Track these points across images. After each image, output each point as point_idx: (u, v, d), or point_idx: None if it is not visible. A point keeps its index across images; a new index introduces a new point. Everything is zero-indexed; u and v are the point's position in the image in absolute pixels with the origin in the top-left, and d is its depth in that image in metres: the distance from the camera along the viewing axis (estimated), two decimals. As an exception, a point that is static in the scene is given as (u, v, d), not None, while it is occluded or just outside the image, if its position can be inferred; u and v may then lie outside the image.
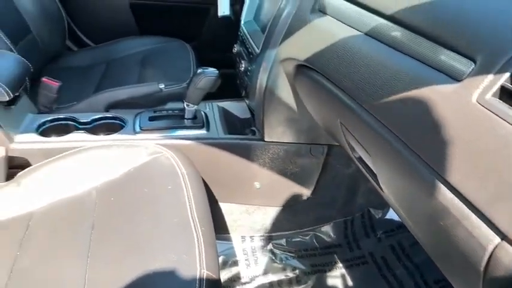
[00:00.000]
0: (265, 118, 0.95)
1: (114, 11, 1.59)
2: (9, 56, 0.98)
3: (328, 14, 0.71)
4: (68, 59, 1.47)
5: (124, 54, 1.45)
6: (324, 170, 1.04)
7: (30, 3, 1.33)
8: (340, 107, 0.63)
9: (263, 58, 0.90)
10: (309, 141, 0.99)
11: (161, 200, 0.76)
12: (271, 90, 0.90)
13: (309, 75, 0.75)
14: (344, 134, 0.68)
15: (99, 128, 1.04)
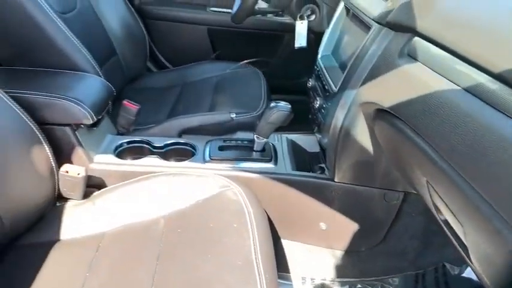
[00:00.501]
0: (338, 158, 0.91)
1: (192, 36, 1.65)
2: (96, 80, 1.04)
3: (419, 61, 0.66)
4: (147, 79, 1.54)
5: (199, 78, 1.50)
6: (397, 218, 0.97)
7: (118, 26, 1.42)
8: (429, 165, 0.57)
9: (341, 97, 0.86)
10: (383, 187, 0.93)
11: (226, 238, 0.75)
12: (347, 131, 0.86)
13: (391, 122, 0.71)
14: (430, 193, 0.62)
15: (171, 152, 1.07)
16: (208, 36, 1.65)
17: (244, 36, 1.65)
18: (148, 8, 1.62)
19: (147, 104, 1.28)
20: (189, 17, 1.63)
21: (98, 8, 1.36)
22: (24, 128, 0.84)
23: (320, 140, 1.04)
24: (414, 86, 0.64)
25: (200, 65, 1.57)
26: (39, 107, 0.90)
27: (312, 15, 1.20)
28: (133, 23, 1.49)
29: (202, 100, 1.34)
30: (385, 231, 0.99)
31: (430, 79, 0.61)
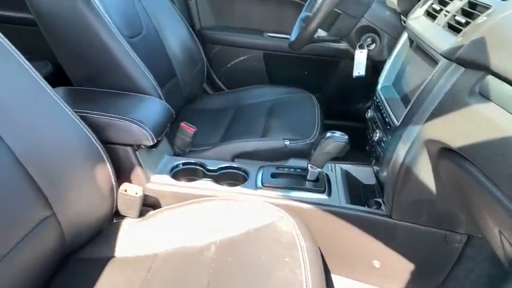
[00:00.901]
0: (396, 195, 0.87)
1: (248, 60, 1.68)
2: (157, 103, 1.09)
3: (492, 101, 0.62)
4: (203, 101, 1.59)
5: (253, 102, 1.51)
6: (458, 262, 0.91)
7: (179, 50, 1.48)
8: (503, 215, 0.53)
9: (403, 132, 0.83)
10: (445, 228, 0.87)
11: (277, 273, 0.73)
12: (409, 168, 0.82)
13: (459, 163, 0.67)
14: (503, 244, 0.57)
15: (224, 176, 1.08)
16: (264, 60, 1.68)
17: (300, 61, 1.65)
18: (208, 33, 1.68)
19: (202, 126, 1.31)
20: (246, 42, 1.66)
21: (161, 32, 1.43)
22: (90, 146, 0.88)
23: (378, 173, 1.00)
24: (486, 127, 0.60)
25: (254, 89, 1.59)
26: (105, 127, 0.95)
27: (372, 44, 1.18)
28: (193, 46, 1.54)
29: (256, 124, 1.35)
30: (444, 276, 0.93)
31: (505, 121, 0.57)
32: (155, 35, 1.41)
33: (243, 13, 1.68)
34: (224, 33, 1.68)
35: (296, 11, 1.59)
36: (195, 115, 1.48)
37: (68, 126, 0.85)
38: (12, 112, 0.76)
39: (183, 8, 1.66)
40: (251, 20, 1.68)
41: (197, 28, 1.69)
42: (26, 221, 0.76)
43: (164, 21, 1.44)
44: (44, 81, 0.82)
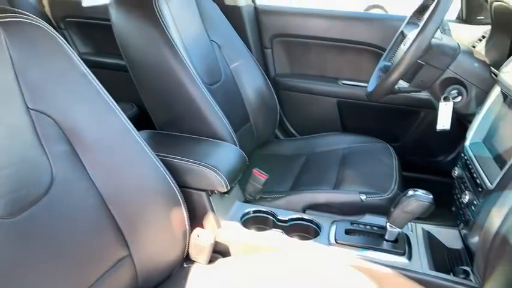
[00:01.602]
0: (489, 266, 0.78)
1: (321, 107, 1.68)
2: (232, 150, 1.11)
3: None
4: (274, 146, 1.59)
5: (325, 149, 1.49)
6: None
7: (253, 96, 1.51)
8: None
9: (498, 197, 0.75)
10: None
11: None
12: (505, 239, 0.73)
13: None
14: None
15: (295, 227, 1.05)
16: (338, 108, 1.66)
17: (376, 110, 1.61)
18: (282, 80, 1.71)
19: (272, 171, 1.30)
20: (320, 89, 1.67)
21: (238, 79, 1.48)
22: (168, 190, 0.91)
23: (466, 237, 0.91)
24: None
25: (327, 136, 1.56)
26: (182, 171, 0.98)
27: (457, 96, 1.11)
28: (267, 93, 1.57)
29: (328, 173, 1.31)
30: None
31: None
32: (232, 82, 1.47)
33: (318, 61, 1.69)
34: (298, 80, 1.70)
35: (373, 59, 1.57)
36: (266, 160, 1.49)
37: (150, 169, 0.89)
38: (102, 155, 0.81)
39: (259, 56, 1.72)
40: (326, 68, 1.68)
41: (272, 75, 1.74)
42: (106, 259, 0.79)
43: (241, 68, 1.50)
44: (131, 124, 0.87)
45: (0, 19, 0.72)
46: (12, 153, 0.70)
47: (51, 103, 0.76)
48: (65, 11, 2.00)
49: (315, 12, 1.64)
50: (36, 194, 0.72)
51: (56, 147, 0.76)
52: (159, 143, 1.10)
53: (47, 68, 0.76)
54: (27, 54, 0.74)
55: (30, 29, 0.76)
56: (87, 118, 0.80)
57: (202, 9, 1.43)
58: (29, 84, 0.73)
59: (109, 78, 1.56)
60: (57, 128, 0.76)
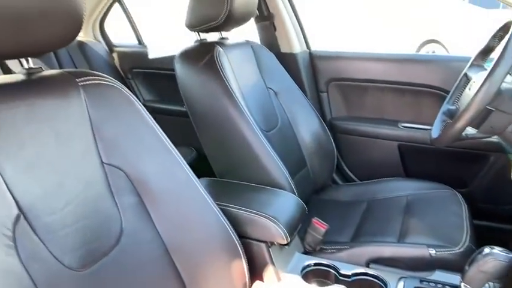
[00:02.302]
0: None
1: (381, 151, 1.63)
2: (292, 199, 1.09)
3: None
4: (332, 192, 1.55)
5: (387, 196, 1.42)
6: None
7: (310, 140, 1.51)
8: None
9: None
10: None
11: None
12: None
13: None
14: None
15: (359, 283, 1.00)
16: (399, 151, 1.60)
17: (440, 154, 1.53)
18: (339, 123, 1.70)
19: (331, 219, 1.26)
20: (379, 132, 1.63)
21: (294, 124, 1.49)
22: (228, 240, 0.91)
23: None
24: None
25: (389, 182, 1.50)
26: (242, 221, 0.98)
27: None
28: (324, 136, 1.56)
29: (391, 223, 1.25)
30: None
31: None
32: (289, 127, 1.48)
33: (375, 103, 1.66)
34: (356, 123, 1.68)
35: (435, 101, 1.52)
36: (324, 206, 1.46)
37: (212, 219, 0.90)
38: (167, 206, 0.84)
39: (315, 100, 1.73)
40: (384, 110, 1.65)
41: (328, 118, 1.73)
42: (167, 308, 0.80)
43: (297, 113, 1.51)
44: (193, 174, 0.89)
45: (81, 82, 0.79)
46: (87, 206, 0.74)
47: (123, 157, 0.80)
48: (131, 62, 2.17)
49: (370, 56, 1.64)
50: (107, 246, 0.75)
51: (125, 199, 0.80)
52: (219, 191, 1.12)
53: (120, 124, 0.82)
54: (103, 113, 0.80)
55: (107, 89, 0.82)
56: (154, 170, 0.84)
57: (259, 58, 1.48)
58: (104, 140, 0.79)
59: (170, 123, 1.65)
60: (127, 180, 0.80)
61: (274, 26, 1.64)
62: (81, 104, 0.77)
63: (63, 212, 0.71)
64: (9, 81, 0.72)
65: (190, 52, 1.28)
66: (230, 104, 1.19)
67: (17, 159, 0.67)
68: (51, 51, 0.77)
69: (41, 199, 0.68)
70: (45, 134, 0.71)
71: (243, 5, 1.29)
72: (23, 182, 0.66)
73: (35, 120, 0.70)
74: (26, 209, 0.66)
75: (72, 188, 0.73)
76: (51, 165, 0.71)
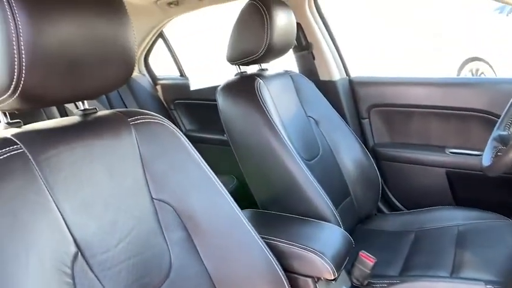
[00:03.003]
0: None
1: (428, 178, 1.57)
2: (338, 232, 1.07)
3: None
4: (378, 221, 1.51)
5: (436, 226, 1.36)
6: None
7: (353, 168, 1.48)
8: None
9: None
10: None
11: None
12: None
13: None
14: None
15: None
16: (447, 179, 1.53)
17: (493, 181, 1.45)
18: (382, 150, 1.66)
19: (378, 251, 1.22)
20: (425, 158, 1.57)
21: (336, 152, 1.48)
22: (274, 274, 0.89)
23: None
24: None
25: (438, 211, 1.44)
26: (288, 255, 0.97)
27: None
28: (367, 163, 1.53)
29: (443, 255, 1.19)
30: None
31: None
32: (331, 156, 1.47)
33: (420, 129, 1.61)
34: (400, 149, 1.63)
35: (483, 125, 1.46)
36: (369, 237, 1.41)
37: (257, 252, 0.89)
38: (214, 239, 0.85)
39: (357, 126, 1.71)
40: (430, 136, 1.60)
41: (371, 145, 1.70)
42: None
43: (339, 141, 1.49)
44: (237, 207, 0.90)
45: (133, 121, 0.83)
46: (139, 242, 0.76)
47: (171, 192, 0.83)
48: (174, 94, 2.25)
49: (413, 81, 1.61)
50: (157, 280, 0.77)
51: (174, 234, 0.82)
52: (263, 223, 1.12)
53: (168, 161, 0.85)
54: (153, 150, 0.83)
55: (156, 127, 0.86)
56: (201, 204, 0.85)
57: (298, 87, 1.49)
58: (154, 176, 0.82)
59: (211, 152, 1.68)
60: (176, 215, 0.82)
61: (313, 54, 1.65)
62: (132, 142, 0.81)
63: (117, 249, 0.73)
64: (67, 124, 0.77)
65: (232, 85, 1.32)
66: (272, 135, 1.20)
67: (75, 198, 0.70)
68: (107, 93, 0.82)
69: (97, 236, 0.71)
70: (100, 173, 0.75)
71: (282, 38, 1.32)
72: (80, 220, 0.70)
73: (91, 160, 0.74)
74: (83, 246, 0.69)
75: (125, 225, 0.75)
76: (105, 202, 0.74)
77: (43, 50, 0.62)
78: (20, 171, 0.65)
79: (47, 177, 0.68)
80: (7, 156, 0.64)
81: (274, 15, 1.26)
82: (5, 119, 0.74)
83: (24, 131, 0.71)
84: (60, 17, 0.64)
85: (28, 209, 0.63)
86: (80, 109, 0.82)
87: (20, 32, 0.60)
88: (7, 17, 0.59)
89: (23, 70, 0.61)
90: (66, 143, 0.72)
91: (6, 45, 0.60)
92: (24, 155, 0.66)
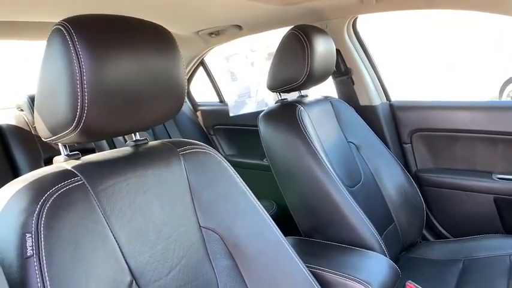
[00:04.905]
0: None
1: (475, 205, 1.51)
2: (383, 262, 1.05)
3: None
4: (423, 249, 1.46)
5: (486, 255, 1.31)
6: None
7: (395, 194, 1.46)
8: None
9: None
10: None
11: None
12: None
13: None
14: None
15: None
16: (495, 206, 1.47)
17: (546, 208, 1.39)
18: (425, 176, 1.63)
19: (425, 281, 1.19)
20: (472, 184, 1.52)
21: (379, 178, 1.46)
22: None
23: None
24: None
25: (487, 239, 1.38)
26: (333, 285, 0.96)
27: None
28: (410, 190, 1.50)
29: (495, 286, 1.14)
30: None
31: None
32: (373, 182, 1.45)
33: (465, 154, 1.57)
34: (444, 175, 1.59)
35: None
36: (414, 265, 1.37)
37: (302, 281, 0.89)
38: (260, 269, 0.86)
39: (398, 152, 1.68)
40: (475, 161, 1.55)
41: (413, 171, 1.66)
42: None
43: (381, 166, 1.48)
44: (283, 236, 0.90)
45: (182, 151, 0.86)
46: (189, 271, 0.79)
47: (218, 220, 0.85)
48: (213, 120, 2.31)
49: (456, 105, 1.57)
50: None
51: (221, 262, 0.83)
52: (307, 252, 1.11)
53: (215, 189, 0.87)
54: (201, 179, 0.86)
55: (203, 157, 0.89)
56: (247, 233, 0.87)
57: (338, 113, 1.50)
58: (202, 204, 0.84)
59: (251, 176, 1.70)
60: (223, 244, 0.84)
61: (352, 80, 1.66)
62: (181, 172, 0.84)
63: (168, 277, 0.76)
64: (121, 155, 0.82)
65: (274, 112, 1.34)
66: (314, 162, 1.21)
67: (130, 228, 0.74)
68: (159, 124, 0.86)
69: (150, 265, 0.74)
70: (153, 202, 0.79)
71: (322, 65, 1.34)
72: (135, 249, 0.73)
73: (144, 191, 0.78)
74: (137, 275, 0.72)
75: (176, 253, 0.78)
76: (157, 231, 0.77)
77: (104, 88, 0.66)
78: (81, 201, 0.69)
79: (105, 207, 0.72)
80: (70, 188, 0.69)
81: (314, 43, 1.29)
82: (65, 151, 0.79)
83: (82, 163, 0.76)
84: (119, 55, 0.68)
85: (88, 238, 0.67)
86: (132, 140, 0.87)
87: (84, 72, 0.64)
88: (72, 58, 0.63)
89: (85, 107, 0.65)
90: (121, 174, 0.77)
91: (70, 84, 0.64)
92: (84, 186, 0.71)
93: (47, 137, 0.74)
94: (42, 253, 0.60)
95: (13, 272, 0.59)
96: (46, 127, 0.72)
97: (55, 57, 0.66)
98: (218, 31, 1.78)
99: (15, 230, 0.61)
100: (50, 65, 0.68)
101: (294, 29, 1.32)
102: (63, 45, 0.65)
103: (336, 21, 1.56)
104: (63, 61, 0.65)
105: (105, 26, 0.69)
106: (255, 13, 1.53)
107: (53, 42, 0.66)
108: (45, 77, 0.70)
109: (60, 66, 0.65)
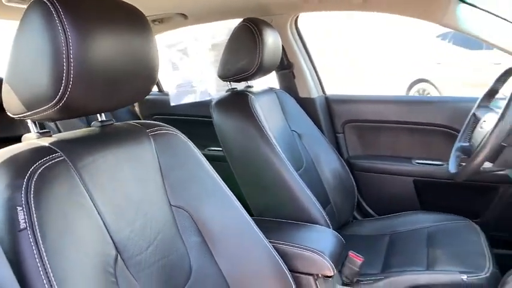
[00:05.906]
0: None
1: (398, 186, 1.73)
2: (330, 233, 1.18)
3: None
4: (354, 227, 1.64)
5: (408, 229, 1.51)
6: None
7: (332, 177, 1.62)
8: None
9: None
10: None
11: None
12: None
13: None
14: None
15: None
16: (414, 186, 1.70)
17: (452, 187, 1.64)
18: (356, 161, 1.81)
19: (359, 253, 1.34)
20: (395, 169, 1.74)
21: (317, 164, 1.60)
22: (281, 274, 0.97)
23: None
24: None
25: (408, 215, 1.60)
26: (292, 256, 1.05)
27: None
28: (344, 174, 1.67)
29: (417, 254, 1.33)
30: None
31: None
32: (312, 167, 1.59)
33: (389, 142, 1.78)
34: (372, 161, 1.79)
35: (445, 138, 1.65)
36: (349, 241, 1.51)
37: (266, 255, 0.96)
38: (227, 244, 0.92)
39: (332, 140, 1.85)
40: (398, 148, 1.77)
41: (345, 157, 1.84)
42: None
43: (320, 154, 1.62)
44: (247, 213, 0.97)
45: (151, 132, 0.89)
46: (165, 245, 0.82)
47: (187, 200, 0.89)
48: (151, 109, 2.28)
49: (382, 99, 1.78)
50: (182, 282, 0.83)
51: (191, 239, 0.88)
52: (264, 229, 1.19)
53: (184, 170, 0.91)
54: (170, 159, 0.89)
55: (173, 138, 0.92)
56: (214, 211, 0.92)
57: (283, 103, 1.61)
58: (171, 184, 0.88)
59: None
60: (192, 222, 0.89)
61: (293, 73, 1.78)
62: (152, 152, 0.87)
63: (148, 252, 0.78)
64: (93, 134, 0.82)
65: (226, 101, 1.40)
66: (267, 147, 1.30)
67: (111, 204, 0.75)
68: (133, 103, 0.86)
69: (131, 240, 0.76)
70: (129, 180, 0.80)
71: (271, 57, 1.43)
72: (117, 224, 0.75)
73: (121, 168, 0.79)
74: (121, 249, 0.73)
75: (152, 229, 0.81)
76: (135, 208, 0.80)
77: (89, 64, 0.66)
78: (65, 176, 0.69)
79: (87, 183, 0.72)
80: (52, 163, 0.68)
81: (265, 36, 1.37)
82: (35, 129, 0.77)
83: (58, 140, 0.75)
84: (103, 34, 0.68)
85: (75, 212, 0.67)
86: (98, 121, 0.87)
87: (70, 46, 0.63)
88: (57, 31, 0.62)
89: (70, 83, 0.65)
90: (99, 151, 0.77)
91: (55, 58, 0.63)
92: (66, 162, 0.70)
93: (17, 113, 0.72)
94: (35, 226, 0.59)
95: (4, 246, 0.58)
96: (20, 102, 0.70)
97: (35, 29, 0.64)
98: (162, 19, 1.78)
99: (3, 204, 0.59)
100: (28, 39, 0.66)
101: (246, 21, 1.38)
102: (46, 18, 0.63)
103: (280, 17, 1.67)
104: (47, 33, 0.63)
105: (88, 1, 0.69)
106: (201, 2, 1.56)
107: (32, 14, 0.65)
108: (20, 50, 0.68)
109: (43, 40, 0.63)
